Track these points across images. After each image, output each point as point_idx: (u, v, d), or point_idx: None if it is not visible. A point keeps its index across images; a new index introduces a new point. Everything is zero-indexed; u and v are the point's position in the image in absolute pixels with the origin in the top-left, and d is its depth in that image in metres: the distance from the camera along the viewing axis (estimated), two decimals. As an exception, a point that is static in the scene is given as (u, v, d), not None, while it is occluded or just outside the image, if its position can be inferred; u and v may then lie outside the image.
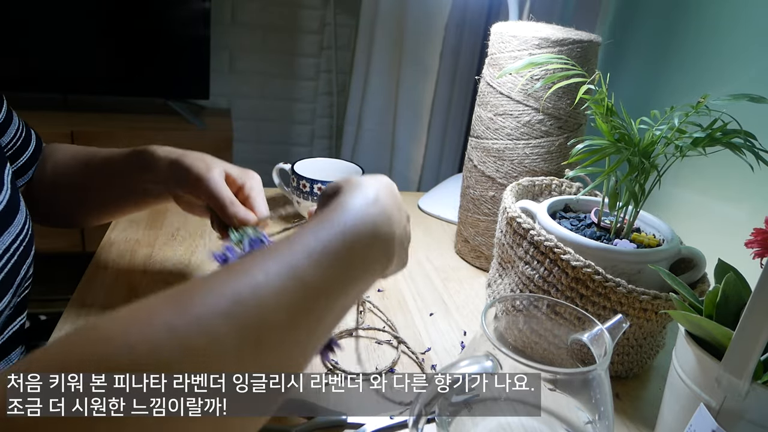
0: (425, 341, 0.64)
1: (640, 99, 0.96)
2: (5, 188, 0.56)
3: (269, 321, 0.32)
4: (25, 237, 0.58)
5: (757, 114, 0.58)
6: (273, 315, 0.33)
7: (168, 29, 1.75)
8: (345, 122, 1.85)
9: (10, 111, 0.66)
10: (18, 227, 0.57)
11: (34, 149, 0.68)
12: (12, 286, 0.55)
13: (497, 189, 0.76)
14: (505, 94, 0.73)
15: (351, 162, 0.94)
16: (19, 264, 0.56)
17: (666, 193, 0.85)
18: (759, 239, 0.43)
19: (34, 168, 0.68)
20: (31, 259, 0.60)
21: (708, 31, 0.84)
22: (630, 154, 0.55)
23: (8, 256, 0.55)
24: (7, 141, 0.64)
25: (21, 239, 0.57)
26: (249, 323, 0.31)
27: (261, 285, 0.33)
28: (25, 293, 0.62)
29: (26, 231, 0.59)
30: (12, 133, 0.65)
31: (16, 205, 0.58)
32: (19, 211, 0.58)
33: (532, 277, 0.59)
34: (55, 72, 1.73)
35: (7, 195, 0.56)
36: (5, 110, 0.65)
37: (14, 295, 0.57)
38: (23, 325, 0.63)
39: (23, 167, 0.67)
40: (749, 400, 0.39)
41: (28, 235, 0.59)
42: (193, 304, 0.30)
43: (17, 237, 0.56)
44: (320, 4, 1.94)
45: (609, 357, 0.41)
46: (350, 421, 0.50)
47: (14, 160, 0.66)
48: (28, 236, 0.59)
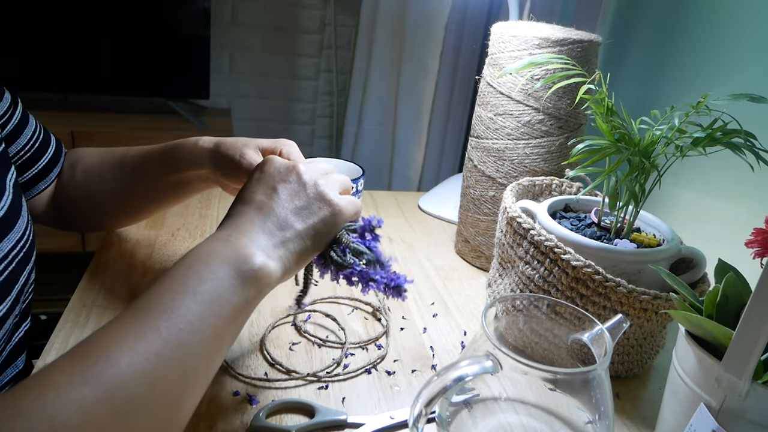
0: (425, 341, 0.64)
1: (640, 99, 0.96)
2: (7, 193, 0.56)
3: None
4: (25, 243, 0.58)
5: (757, 114, 0.58)
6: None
7: (168, 29, 1.75)
8: (345, 122, 1.85)
9: (26, 114, 0.66)
10: (18, 233, 0.57)
11: (52, 154, 0.68)
12: (10, 294, 0.55)
13: (497, 189, 0.76)
14: (506, 94, 0.73)
15: (351, 162, 0.94)
16: (17, 272, 0.56)
17: (666, 193, 0.85)
18: (759, 239, 0.43)
19: (56, 173, 0.69)
20: (32, 266, 0.60)
21: (708, 31, 0.84)
22: (630, 154, 0.55)
23: (6, 262, 0.54)
24: (20, 147, 0.64)
25: (21, 246, 0.57)
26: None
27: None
28: (29, 299, 0.62)
29: (27, 237, 0.58)
30: (27, 138, 0.65)
31: (18, 211, 0.58)
32: (20, 217, 0.58)
33: (532, 277, 0.59)
34: (55, 72, 1.73)
35: (8, 201, 0.56)
36: (19, 113, 0.65)
37: (16, 302, 0.57)
38: (27, 331, 0.63)
39: (41, 173, 0.67)
40: (749, 400, 0.39)
41: (28, 242, 0.59)
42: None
43: (17, 243, 0.56)
44: (320, 4, 1.94)
45: (609, 357, 0.41)
46: (350, 421, 0.50)
47: (28, 166, 0.66)
48: (28, 242, 0.59)
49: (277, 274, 0.44)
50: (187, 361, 0.37)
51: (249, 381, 0.54)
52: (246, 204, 0.47)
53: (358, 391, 0.55)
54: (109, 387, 0.33)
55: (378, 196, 1.03)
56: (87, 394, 0.32)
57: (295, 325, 0.64)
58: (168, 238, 0.79)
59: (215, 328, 0.39)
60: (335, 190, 0.50)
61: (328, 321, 0.65)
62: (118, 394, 0.33)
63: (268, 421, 0.49)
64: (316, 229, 0.47)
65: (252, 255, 0.43)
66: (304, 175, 0.49)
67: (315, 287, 0.71)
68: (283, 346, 0.60)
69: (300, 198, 0.48)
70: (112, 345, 0.35)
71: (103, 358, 0.34)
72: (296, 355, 0.59)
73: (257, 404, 0.51)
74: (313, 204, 0.48)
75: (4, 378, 0.59)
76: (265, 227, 0.46)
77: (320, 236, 0.48)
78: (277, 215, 0.47)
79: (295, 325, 0.63)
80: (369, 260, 0.50)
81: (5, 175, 0.57)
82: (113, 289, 0.66)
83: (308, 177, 0.49)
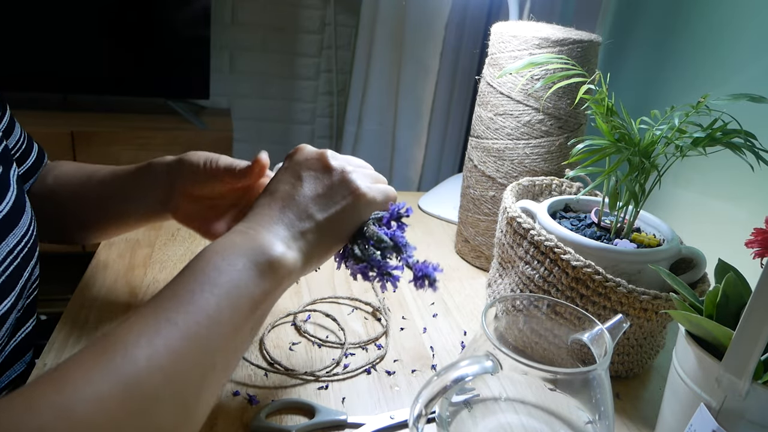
0: (425, 341, 0.64)
1: (640, 99, 0.96)
2: (11, 189, 0.56)
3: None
4: (29, 239, 0.58)
5: (757, 114, 0.58)
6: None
7: (168, 29, 1.75)
8: (345, 122, 1.85)
9: (13, 120, 0.65)
10: (23, 228, 0.57)
11: (34, 160, 0.67)
12: (15, 288, 0.55)
13: (497, 189, 0.76)
14: (506, 94, 0.73)
15: (351, 162, 0.94)
16: (22, 267, 0.56)
17: (666, 193, 0.85)
18: (759, 239, 0.43)
19: (33, 180, 0.67)
20: (36, 261, 0.60)
21: (708, 31, 0.84)
22: (630, 154, 0.55)
23: (12, 257, 0.54)
24: (11, 146, 0.64)
25: (26, 241, 0.57)
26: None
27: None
28: (34, 294, 0.62)
29: (31, 232, 0.58)
30: (15, 139, 0.65)
31: (22, 206, 0.58)
32: (24, 212, 0.58)
33: (532, 277, 0.59)
34: (55, 72, 1.73)
35: (13, 196, 0.56)
36: (8, 118, 0.64)
37: (20, 297, 0.57)
38: (34, 326, 0.63)
39: (22, 177, 0.66)
40: (749, 400, 0.39)
41: (32, 237, 0.59)
42: None
43: (22, 239, 0.56)
44: (320, 4, 1.94)
45: (609, 357, 0.41)
46: (350, 421, 0.50)
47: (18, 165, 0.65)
48: (32, 238, 0.59)
49: (297, 265, 0.44)
50: (205, 356, 0.37)
51: (249, 381, 0.54)
52: (269, 195, 0.47)
53: (358, 391, 0.55)
54: (126, 383, 0.32)
55: (378, 196, 1.03)
56: (105, 389, 0.32)
57: (295, 324, 0.64)
58: (168, 238, 0.79)
59: (234, 320, 0.39)
60: (365, 179, 0.48)
61: (327, 321, 0.65)
62: (136, 390, 0.33)
63: (269, 421, 0.49)
64: (336, 219, 0.46)
65: (270, 246, 0.42)
66: (332, 160, 0.48)
67: (315, 287, 0.71)
68: (282, 346, 0.60)
69: (323, 185, 0.47)
70: (131, 340, 0.34)
71: (120, 354, 0.33)
72: (296, 355, 0.59)
73: (257, 404, 0.51)
74: (337, 192, 0.47)
75: (12, 373, 0.59)
76: (284, 218, 0.45)
77: (341, 226, 0.47)
78: (297, 204, 0.46)
79: (295, 325, 0.63)
80: (386, 248, 0.47)
81: (8, 170, 0.57)
82: (113, 289, 0.66)
83: (336, 164, 0.48)
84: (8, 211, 0.55)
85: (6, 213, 0.54)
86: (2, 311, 0.53)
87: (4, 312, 0.53)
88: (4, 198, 0.55)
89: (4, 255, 0.54)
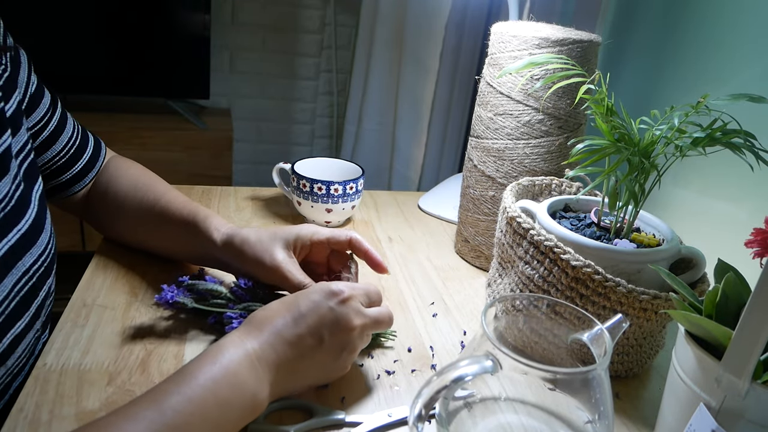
0: (425, 341, 0.64)
1: (640, 99, 0.96)
2: (32, 207, 0.56)
3: None
4: (47, 258, 0.58)
5: (757, 114, 0.58)
6: None
7: (168, 29, 1.75)
8: (345, 122, 1.85)
9: (64, 117, 0.66)
10: (41, 248, 0.57)
11: (88, 159, 0.69)
12: (30, 308, 0.55)
13: (497, 189, 0.76)
14: (505, 93, 0.73)
15: (351, 162, 0.94)
16: (37, 287, 0.56)
17: (666, 193, 0.85)
18: (759, 239, 0.43)
19: (90, 178, 0.70)
20: (53, 278, 0.60)
21: (708, 31, 0.84)
22: (630, 154, 0.55)
23: (27, 277, 0.54)
24: (54, 153, 0.65)
25: (43, 260, 0.57)
26: None
27: None
28: (49, 311, 0.62)
29: (48, 251, 0.59)
30: (62, 144, 0.66)
31: (41, 225, 0.58)
32: (43, 230, 0.58)
33: (532, 277, 0.59)
34: (54, 72, 1.73)
35: (32, 215, 0.56)
36: (57, 118, 0.65)
37: (36, 316, 0.57)
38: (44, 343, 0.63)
39: (75, 177, 0.68)
40: (749, 400, 0.39)
41: (50, 256, 0.59)
42: None
43: (39, 258, 0.56)
44: (320, 4, 1.94)
45: (609, 357, 0.41)
46: (348, 420, 0.50)
47: (63, 171, 0.67)
48: (50, 256, 0.59)
49: None
50: None
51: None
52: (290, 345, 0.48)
53: (358, 390, 0.55)
54: None
55: (378, 196, 1.03)
56: None
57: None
58: (168, 238, 0.79)
59: None
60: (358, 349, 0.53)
61: (327, 321, 0.65)
62: None
63: (268, 422, 0.49)
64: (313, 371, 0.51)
65: (264, 400, 0.46)
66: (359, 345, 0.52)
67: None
68: (282, 345, 0.60)
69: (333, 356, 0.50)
70: None
71: None
72: (296, 354, 0.59)
73: (257, 404, 0.51)
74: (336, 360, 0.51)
75: None
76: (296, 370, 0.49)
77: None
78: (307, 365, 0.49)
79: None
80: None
81: (32, 187, 0.57)
82: (113, 289, 0.66)
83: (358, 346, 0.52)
84: (26, 230, 0.54)
85: (24, 232, 0.54)
86: (17, 331, 0.53)
87: (20, 332, 0.53)
88: (24, 216, 0.55)
89: (20, 275, 0.53)
